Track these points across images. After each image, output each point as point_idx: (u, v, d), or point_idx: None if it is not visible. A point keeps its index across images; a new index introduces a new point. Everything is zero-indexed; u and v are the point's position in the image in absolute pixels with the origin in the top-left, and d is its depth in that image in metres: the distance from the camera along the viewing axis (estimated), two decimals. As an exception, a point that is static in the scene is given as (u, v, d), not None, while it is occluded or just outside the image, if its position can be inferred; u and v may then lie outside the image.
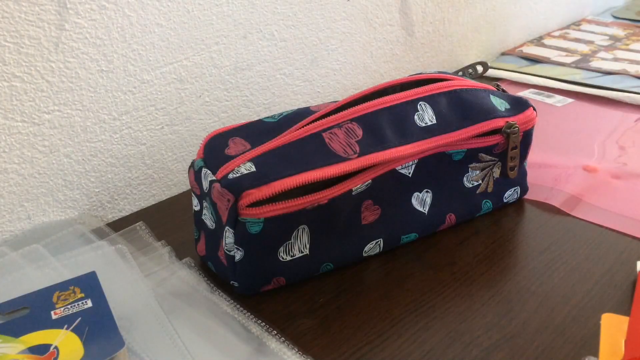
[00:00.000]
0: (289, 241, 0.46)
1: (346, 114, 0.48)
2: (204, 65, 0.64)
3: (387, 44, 0.84)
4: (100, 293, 0.44)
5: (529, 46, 1.03)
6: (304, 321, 0.45)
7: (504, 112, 0.53)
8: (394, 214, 0.50)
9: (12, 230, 0.55)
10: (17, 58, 0.50)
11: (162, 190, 0.65)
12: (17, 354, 0.38)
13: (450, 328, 0.44)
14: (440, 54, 0.93)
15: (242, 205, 0.43)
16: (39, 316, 0.41)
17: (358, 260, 0.50)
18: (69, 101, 0.54)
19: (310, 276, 0.49)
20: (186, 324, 0.44)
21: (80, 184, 0.58)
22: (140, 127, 0.61)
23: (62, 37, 0.52)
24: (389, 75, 0.86)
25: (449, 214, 0.53)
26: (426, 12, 0.87)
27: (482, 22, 0.98)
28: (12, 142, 0.52)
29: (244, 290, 0.47)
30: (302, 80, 0.74)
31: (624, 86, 0.84)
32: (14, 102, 0.51)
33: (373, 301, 0.47)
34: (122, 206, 0.62)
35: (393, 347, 0.42)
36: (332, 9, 0.74)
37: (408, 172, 0.49)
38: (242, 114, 0.69)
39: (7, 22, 0.49)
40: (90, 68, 0.55)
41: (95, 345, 0.39)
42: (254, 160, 0.45)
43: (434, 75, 0.53)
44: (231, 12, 0.64)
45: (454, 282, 0.48)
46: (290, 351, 0.41)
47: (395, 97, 0.50)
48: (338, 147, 0.46)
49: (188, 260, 0.51)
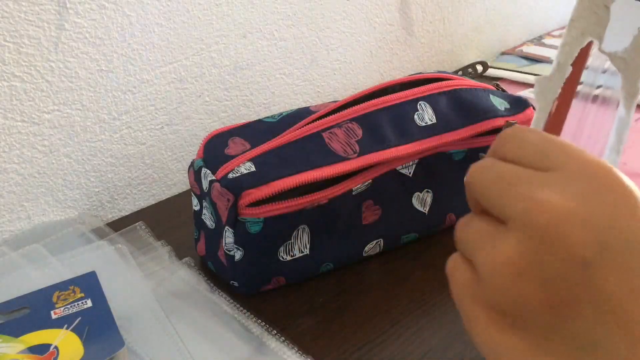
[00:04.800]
0: (289, 241, 0.46)
1: (346, 113, 0.48)
2: (204, 64, 0.64)
3: (387, 43, 0.84)
4: (100, 293, 0.44)
5: (529, 46, 1.03)
6: (304, 321, 0.45)
7: (503, 111, 0.53)
8: (394, 213, 0.50)
9: (12, 230, 0.55)
10: (16, 58, 0.50)
11: (162, 190, 0.65)
12: (17, 353, 0.38)
13: (450, 328, 0.44)
14: (440, 54, 0.93)
15: (242, 205, 0.43)
16: (39, 316, 0.41)
17: (358, 260, 0.50)
18: (69, 101, 0.54)
19: (311, 276, 0.49)
20: (186, 323, 0.44)
21: (80, 184, 0.58)
22: (140, 126, 0.60)
23: (61, 37, 0.52)
24: (389, 75, 0.86)
25: (449, 214, 0.53)
26: (426, 12, 0.87)
27: (482, 21, 0.98)
28: (12, 141, 0.52)
29: (244, 290, 0.47)
30: (302, 80, 0.74)
31: (624, 86, 0.84)
32: (13, 102, 0.51)
33: (373, 301, 0.47)
34: (122, 206, 0.62)
35: (393, 347, 0.42)
36: (332, 9, 0.74)
37: (408, 172, 0.49)
38: (242, 114, 0.69)
39: (7, 21, 0.49)
40: (90, 68, 0.55)
41: (95, 345, 0.39)
42: (253, 160, 0.45)
43: (434, 75, 0.53)
44: (231, 12, 0.64)
45: (454, 282, 0.48)
46: (290, 351, 0.41)
47: (395, 96, 0.50)
48: (338, 147, 0.46)
49: (188, 260, 0.51)
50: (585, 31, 0.30)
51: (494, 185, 0.24)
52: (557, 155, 0.23)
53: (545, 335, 0.22)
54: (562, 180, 0.22)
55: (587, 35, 0.30)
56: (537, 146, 0.24)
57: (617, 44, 0.29)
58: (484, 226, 0.24)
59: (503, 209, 0.23)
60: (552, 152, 0.23)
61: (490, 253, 0.23)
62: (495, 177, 0.24)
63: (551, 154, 0.23)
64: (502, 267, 0.22)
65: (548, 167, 0.23)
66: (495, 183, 0.24)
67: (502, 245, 0.22)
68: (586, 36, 0.30)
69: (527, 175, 0.23)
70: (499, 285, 0.22)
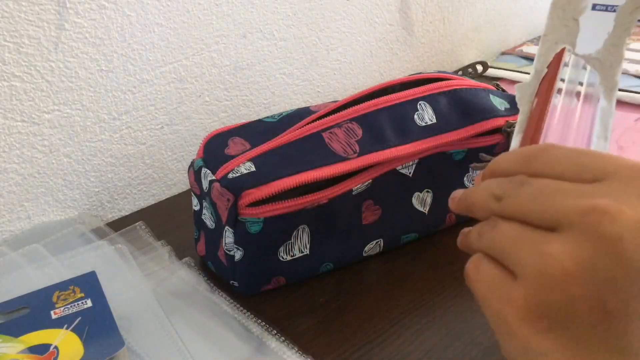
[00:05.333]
0: (289, 241, 0.46)
1: (346, 113, 0.48)
2: (204, 64, 0.64)
3: (387, 43, 0.84)
4: (100, 293, 0.44)
5: (529, 46, 1.03)
6: (304, 321, 0.45)
7: (503, 111, 0.52)
8: (395, 213, 0.50)
9: (12, 230, 0.55)
10: (16, 58, 0.50)
11: (162, 190, 0.65)
12: (17, 353, 0.38)
13: (450, 328, 0.44)
14: (440, 54, 0.93)
15: (242, 205, 0.43)
16: (38, 316, 0.41)
17: (358, 260, 0.50)
18: (69, 101, 0.54)
19: (311, 276, 0.49)
20: (186, 323, 0.44)
21: (80, 184, 0.58)
22: (140, 126, 0.60)
23: (61, 37, 0.52)
24: (389, 75, 0.86)
25: (449, 214, 0.53)
26: (426, 12, 0.87)
27: (482, 21, 0.98)
28: (12, 141, 0.52)
29: (244, 290, 0.47)
30: (302, 80, 0.74)
31: (624, 85, 0.84)
32: (13, 102, 0.51)
33: (373, 301, 0.47)
34: (122, 206, 0.62)
35: (393, 347, 0.42)
36: (332, 9, 0.74)
37: (408, 172, 0.49)
38: (242, 114, 0.69)
39: (7, 21, 0.49)
40: (90, 68, 0.55)
41: (95, 345, 0.39)
42: (253, 160, 0.45)
43: (434, 75, 0.53)
44: (231, 12, 0.64)
45: (454, 282, 0.48)
46: (290, 351, 0.41)
47: (395, 96, 0.50)
48: (338, 147, 0.46)
49: (188, 260, 0.51)
50: (559, 40, 0.33)
51: (537, 197, 0.24)
52: (599, 165, 0.23)
53: (586, 343, 0.22)
54: (617, 188, 0.22)
55: (560, 43, 0.33)
56: (573, 159, 0.24)
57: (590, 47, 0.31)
58: (523, 230, 0.24)
59: (552, 217, 0.23)
60: (593, 164, 0.23)
61: (537, 255, 0.23)
62: (538, 190, 0.24)
63: (593, 166, 0.23)
64: (553, 269, 0.22)
65: (594, 178, 0.23)
66: (539, 195, 0.24)
67: (552, 248, 0.22)
68: (559, 44, 0.33)
69: (574, 187, 0.23)
70: (547, 286, 0.22)
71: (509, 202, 0.25)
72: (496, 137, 0.52)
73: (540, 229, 0.23)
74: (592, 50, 0.31)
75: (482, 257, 0.26)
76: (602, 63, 0.31)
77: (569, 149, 0.25)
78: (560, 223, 0.22)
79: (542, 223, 0.23)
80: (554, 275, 0.22)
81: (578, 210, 0.22)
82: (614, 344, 0.21)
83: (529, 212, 0.24)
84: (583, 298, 0.22)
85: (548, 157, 0.25)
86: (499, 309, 0.24)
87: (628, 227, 0.21)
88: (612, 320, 0.21)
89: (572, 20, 0.32)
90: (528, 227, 0.24)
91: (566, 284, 0.22)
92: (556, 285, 0.22)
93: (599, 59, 0.31)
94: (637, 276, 0.21)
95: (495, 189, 0.26)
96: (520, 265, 0.23)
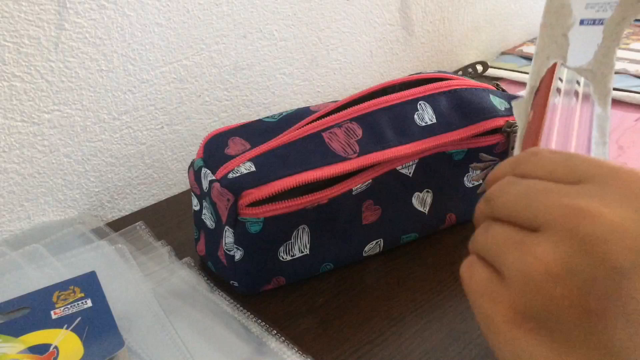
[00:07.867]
0: (289, 241, 0.46)
1: (346, 113, 0.48)
2: (204, 64, 0.64)
3: (387, 43, 0.84)
4: (100, 293, 0.44)
5: (529, 45, 1.03)
6: (304, 321, 0.45)
7: (503, 111, 0.52)
8: (395, 213, 0.50)
9: (12, 230, 0.55)
10: (16, 58, 0.50)
11: (162, 189, 0.65)
12: (17, 353, 0.38)
13: (450, 328, 0.44)
14: (440, 54, 0.93)
15: (242, 205, 0.43)
16: (38, 316, 0.41)
17: (358, 260, 0.50)
18: (69, 101, 0.54)
19: (310, 276, 0.49)
20: (186, 323, 0.44)
21: (80, 184, 0.58)
22: (140, 126, 0.60)
23: (61, 37, 0.52)
24: (389, 75, 0.86)
25: (450, 214, 0.53)
26: (426, 12, 0.87)
27: (482, 21, 0.98)
28: (11, 141, 0.52)
29: (244, 290, 0.47)
30: (302, 80, 0.74)
31: (624, 85, 0.84)
32: (13, 102, 0.51)
33: (373, 301, 0.47)
34: (122, 206, 0.62)
35: (393, 347, 0.42)
36: (332, 9, 0.74)
37: (408, 172, 0.49)
38: (242, 114, 0.69)
39: (7, 21, 0.49)
40: (90, 68, 0.55)
41: (95, 345, 0.39)
42: (253, 160, 0.45)
43: (434, 75, 0.53)
44: (231, 12, 0.64)
45: (454, 282, 0.48)
46: (290, 351, 0.41)
47: (395, 96, 0.50)
48: (338, 147, 0.46)
49: (188, 260, 0.51)
50: (550, 55, 0.34)
51: (523, 197, 0.24)
52: (585, 168, 0.24)
53: (570, 342, 0.22)
54: (599, 190, 0.22)
55: (552, 58, 0.34)
56: (561, 162, 0.25)
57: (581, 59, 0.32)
58: (510, 232, 0.24)
59: (536, 217, 0.23)
60: (578, 166, 0.24)
61: (521, 257, 0.23)
62: (524, 190, 0.24)
63: (578, 168, 0.24)
64: (536, 270, 0.22)
65: (579, 180, 0.23)
66: (525, 195, 0.24)
67: (535, 249, 0.22)
68: (551, 59, 0.34)
69: (558, 187, 0.23)
70: (531, 288, 0.22)
71: (498, 202, 0.25)
72: (496, 137, 0.52)
73: (526, 230, 0.24)
74: (583, 62, 0.32)
75: (475, 259, 0.26)
76: (594, 73, 0.32)
77: (558, 152, 0.25)
78: (543, 223, 0.23)
79: (527, 222, 0.24)
80: (537, 277, 0.22)
81: (560, 211, 0.22)
82: (598, 343, 0.21)
83: (515, 211, 0.24)
84: (565, 298, 0.22)
85: (537, 160, 0.25)
86: (488, 311, 0.24)
87: (607, 228, 0.21)
88: (594, 320, 0.21)
89: (562, 36, 0.33)
90: (515, 228, 0.24)
91: (549, 285, 0.22)
92: (540, 286, 0.22)
93: (591, 69, 0.32)
94: (617, 276, 0.21)
95: (487, 193, 0.26)
96: (506, 267, 0.23)
